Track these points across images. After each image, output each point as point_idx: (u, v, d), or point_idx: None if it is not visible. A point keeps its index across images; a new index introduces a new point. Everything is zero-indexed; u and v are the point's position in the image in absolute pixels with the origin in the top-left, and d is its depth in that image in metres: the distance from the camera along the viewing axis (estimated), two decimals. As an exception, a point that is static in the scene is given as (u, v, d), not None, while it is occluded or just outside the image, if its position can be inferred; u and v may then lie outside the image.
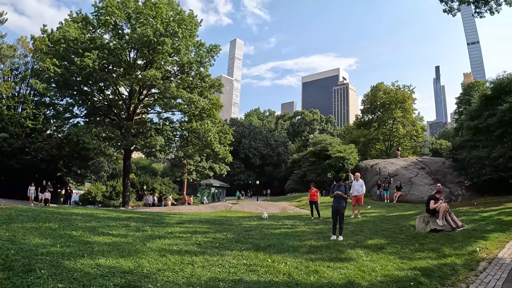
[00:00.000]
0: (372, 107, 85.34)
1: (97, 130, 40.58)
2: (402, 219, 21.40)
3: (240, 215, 26.49)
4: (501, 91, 33.89)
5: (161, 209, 33.92)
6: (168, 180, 75.76)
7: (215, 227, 17.06)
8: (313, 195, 23.39)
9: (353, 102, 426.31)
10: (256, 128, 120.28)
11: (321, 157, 48.82)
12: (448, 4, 36.64)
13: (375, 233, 16.18)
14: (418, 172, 40.46)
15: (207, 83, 47.32)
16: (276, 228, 17.62)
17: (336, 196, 15.24)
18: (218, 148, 46.16)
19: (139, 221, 17.65)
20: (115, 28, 43.40)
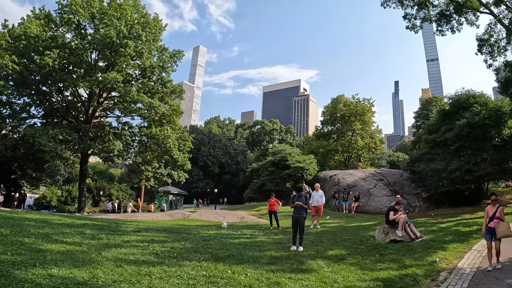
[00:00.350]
0: (332, 119, 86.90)
1: (54, 132, 39.10)
2: (361, 229, 21.73)
3: (198, 223, 26.17)
4: (458, 106, 35.49)
5: (117, 216, 33.01)
6: (125, 187, 74.56)
7: (173, 236, 16.75)
8: (273, 205, 23.22)
9: (313, 113, 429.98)
10: (215, 136, 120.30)
11: (280, 167, 48.90)
12: (411, 21, 37.61)
13: (335, 243, 16.35)
14: (376, 184, 41.16)
15: (168, 89, 46.75)
16: (235, 238, 17.44)
17: (297, 206, 15.25)
18: (177, 155, 45.53)
19: (94, 228, 17.10)
20: (78, 27, 42.23)
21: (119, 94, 42.45)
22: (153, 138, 45.30)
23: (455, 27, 35.59)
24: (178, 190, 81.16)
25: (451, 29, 35.81)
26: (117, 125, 47.35)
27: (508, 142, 31.62)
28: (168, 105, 46.25)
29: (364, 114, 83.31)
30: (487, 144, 31.66)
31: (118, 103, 44.94)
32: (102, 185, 68.51)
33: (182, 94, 48.61)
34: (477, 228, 19.24)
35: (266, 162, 51.78)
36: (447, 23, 35.77)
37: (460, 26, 35.47)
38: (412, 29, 37.47)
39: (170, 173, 55.84)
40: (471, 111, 33.25)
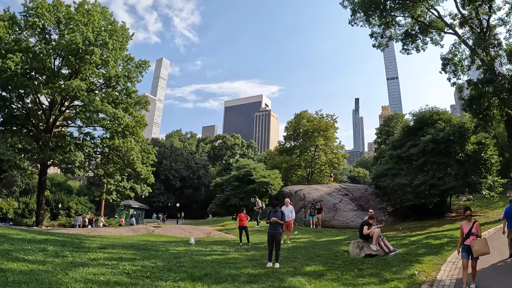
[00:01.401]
0: (295, 134, 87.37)
1: (13, 140, 37.51)
2: (332, 244, 21.42)
3: (164, 239, 25.13)
4: (423, 123, 36.30)
5: (78, 231, 31.51)
6: (85, 199, 72.76)
7: (142, 253, 15.88)
8: (243, 220, 22.64)
9: (274, 129, 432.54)
10: (177, 149, 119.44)
11: (244, 182, 48.26)
12: (377, 39, 38.53)
13: (311, 259, 16.08)
14: (342, 199, 41.11)
15: (133, 100, 45.75)
16: (206, 255, 16.75)
17: (272, 222, 14.81)
18: (140, 168, 44.32)
19: (57, 245, 16.03)
20: (42, 32, 40.85)
21: (82, 103, 41.10)
22: (116, 150, 43.99)
23: (420, 46, 37.14)
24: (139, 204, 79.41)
25: (416, 48, 37.27)
26: (78, 135, 45.82)
27: (471, 157, 32.50)
28: (132, 116, 45.06)
29: (328, 129, 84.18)
30: (451, 159, 32.37)
31: (81, 112, 43.48)
32: (61, 198, 66.60)
33: (147, 105, 47.60)
34: (447, 240, 19.70)
35: (230, 176, 50.99)
36: (412, 42, 37.09)
37: (425, 45, 37.09)
38: (378, 47, 39.11)
39: (133, 186, 54.34)
40: (435, 127, 34.23)
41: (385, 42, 38.74)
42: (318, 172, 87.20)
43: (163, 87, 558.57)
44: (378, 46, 38.91)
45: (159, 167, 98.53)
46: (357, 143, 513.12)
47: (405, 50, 37.74)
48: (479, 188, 31.67)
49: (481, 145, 32.66)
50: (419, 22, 36.04)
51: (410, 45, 37.26)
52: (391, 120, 76.26)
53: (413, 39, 36.91)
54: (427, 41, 36.88)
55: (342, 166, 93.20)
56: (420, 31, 36.36)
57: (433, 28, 35.69)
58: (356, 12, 37.02)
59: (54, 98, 41.04)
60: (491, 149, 33.09)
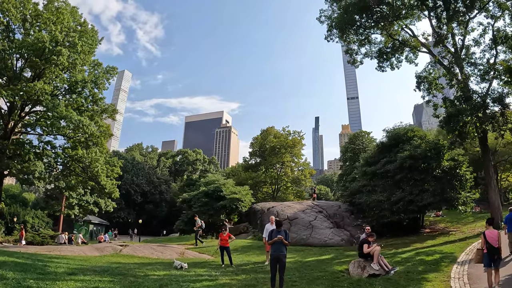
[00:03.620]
0: (261, 150, 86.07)
1: (-36, 147, 34.23)
2: (323, 264, 20.37)
3: (137, 261, 22.63)
4: (397, 139, 36.77)
5: (37, 249, 28.37)
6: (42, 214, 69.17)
7: (119, 281, 13.59)
8: (225, 240, 21.07)
9: (234, 145, 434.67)
10: (139, 163, 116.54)
11: (214, 198, 46.19)
12: (352, 56, 39.22)
13: (312, 282, 14.99)
14: (316, 216, 39.66)
15: (99, 107, 42.68)
16: (194, 281, 14.82)
17: (276, 242, 13.32)
18: (104, 181, 41.08)
19: (17, 269, 13.43)
20: (6, 30, 37.69)
21: (45, 108, 38.06)
22: (79, 161, 40.76)
23: (394, 64, 37.95)
24: (99, 220, 76.47)
25: (391, 66, 38.07)
26: (38, 144, 42.57)
27: (448, 173, 32.91)
28: (97, 126, 42.10)
29: (295, 146, 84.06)
30: (429, 175, 32.75)
31: (42, 119, 40.28)
32: (17, 211, 62.92)
33: (114, 114, 44.65)
34: (440, 256, 19.86)
35: (198, 192, 48.82)
36: (386, 60, 37.72)
37: (399, 63, 38.03)
38: (353, 64, 40.06)
39: (96, 201, 51.08)
40: (411, 144, 34.45)
41: (360, 59, 39.22)
42: (283, 189, 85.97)
43: (123, 100, 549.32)
44: (353, 62, 39.56)
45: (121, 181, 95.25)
46: (317, 161, 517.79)
47: (380, 68, 38.20)
48: (456, 203, 32.14)
49: (456, 161, 33.27)
50: (394, 39, 36.84)
51: (384, 62, 37.76)
52: (357, 138, 76.10)
53: (388, 57, 37.40)
54: (402, 59, 37.74)
55: (309, 183, 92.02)
56: (395, 49, 37.05)
57: (407, 47, 36.67)
58: (332, 28, 37.82)
59: (14, 101, 37.83)
60: (465, 165, 33.63)
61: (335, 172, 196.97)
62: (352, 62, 39.38)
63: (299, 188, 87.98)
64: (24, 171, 37.42)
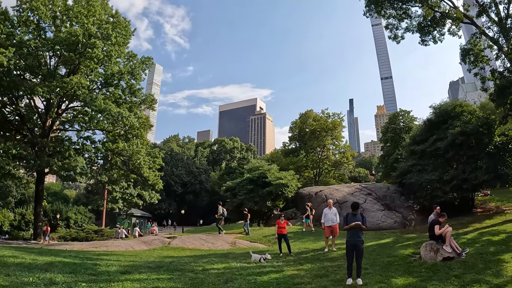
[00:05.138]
0: (300, 134, 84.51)
1: (6, 146, 33.53)
2: (386, 248, 19.30)
3: (189, 253, 21.57)
4: (445, 116, 35.06)
5: (83, 246, 27.54)
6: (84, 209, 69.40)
7: (179, 278, 12.32)
8: (283, 228, 19.91)
9: (270, 132, 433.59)
10: (177, 154, 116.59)
11: (259, 184, 44.90)
12: (392, 31, 36.83)
13: (385, 268, 13.89)
14: (366, 198, 38.20)
15: (138, 98, 41.84)
16: (259, 274, 13.49)
17: (353, 227, 12.17)
18: (147, 173, 40.31)
19: (66, 271, 12.24)
20: (37, 28, 37.13)
21: (82, 103, 37.72)
22: (120, 154, 40.23)
23: (437, 37, 36.03)
24: (141, 212, 76.40)
25: (433, 40, 36.24)
26: (77, 140, 42.14)
27: (501, 149, 31.07)
28: (137, 117, 41.25)
29: (335, 128, 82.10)
30: (481, 151, 31.17)
31: (80, 114, 39.83)
32: (59, 208, 63.32)
33: (153, 104, 43.58)
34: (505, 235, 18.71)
35: (243, 179, 47.55)
36: (428, 34, 35.92)
37: (442, 36, 36.01)
38: (394, 39, 37.84)
39: (140, 193, 50.33)
40: (460, 120, 33.11)
41: (401, 34, 37.14)
42: (325, 173, 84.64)
43: (156, 94, 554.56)
44: (394, 38, 37.41)
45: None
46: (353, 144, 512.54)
47: (423, 42, 36.43)
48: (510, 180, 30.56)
49: (507, 136, 31.14)
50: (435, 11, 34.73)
51: (427, 36, 35.87)
52: (396, 118, 73.72)
53: (430, 30, 35.53)
54: (444, 32, 35.58)
55: (352, 166, 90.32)
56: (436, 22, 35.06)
57: (449, 18, 34.52)
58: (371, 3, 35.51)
59: (50, 99, 37.39)
60: (519, 140, 31.96)
61: (373, 154, 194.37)
62: (394, 38, 37.23)
63: (340, 171, 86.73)
64: (65, 167, 37.05)
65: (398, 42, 38.30)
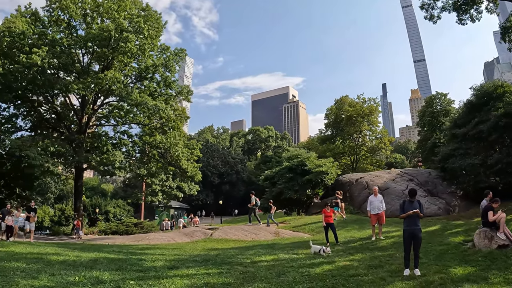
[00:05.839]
0: (336, 121, 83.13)
1: (44, 144, 33.59)
2: (435, 236, 18.61)
3: (233, 245, 21.02)
4: (487, 97, 34.34)
5: (124, 240, 27.38)
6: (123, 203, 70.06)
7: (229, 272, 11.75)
8: (329, 216, 19.20)
9: (303, 120, 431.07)
10: (213, 145, 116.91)
11: (298, 173, 43.96)
12: (428, 11, 35.41)
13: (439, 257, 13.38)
14: (407, 185, 36.90)
15: (173, 90, 41.73)
16: (311, 265, 12.85)
17: (411, 215, 11.46)
18: (186, 165, 40.22)
19: (111, 268, 11.83)
20: (68, 27, 37.46)
21: (118, 98, 37.84)
22: (157, 147, 40.34)
23: (474, 16, 34.75)
24: (179, 204, 76.65)
25: (471, 18, 34.88)
26: (114, 134, 42.52)
27: None
28: (173, 109, 41.12)
29: (371, 113, 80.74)
30: None
31: (115, 109, 40.27)
32: (98, 202, 63.98)
33: (189, 95, 43.31)
34: None
35: (282, 168, 46.83)
36: (465, 12, 34.56)
37: (480, 14, 34.74)
38: (430, 19, 36.74)
39: (179, 185, 50.24)
40: (503, 101, 32.36)
41: (437, 14, 35.95)
42: (362, 160, 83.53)
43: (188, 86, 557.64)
44: (430, 18, 36.28)
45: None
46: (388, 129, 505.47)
47: (460, 21, 34.92)
48: None
49: None
50: None
51: (464, 15, 34.46)
52: (433, 101, 71.74)
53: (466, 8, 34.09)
54: (481, 9, 34.20)
55: (389, 151, 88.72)
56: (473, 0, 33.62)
57: None
58: None
59: (85, 95, 37.72)
60: None
61: (408, 139, 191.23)
62: (430, 18, 36.09)
63: (378, 157, 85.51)
64: (103, 162, 37.37)
65: (435, 22, 37.39)
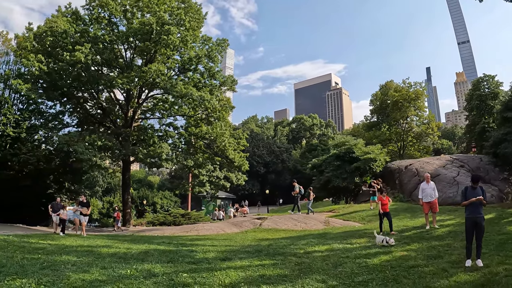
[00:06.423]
0: (382, 107, 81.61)
1: (91, 138, 33.99)
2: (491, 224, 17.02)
3: (283, 235, 20.66)
4: None
5: (173, 231, 27.31)
6: (169, 194, 70.86)
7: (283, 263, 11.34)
8: (385, 204, 18.45)
9: (347, 107, 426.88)
10: (257, 135, 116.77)
11: (346, 160, 43.09)
12: None
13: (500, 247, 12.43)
14: (459, 171, 35.64)
15: (218, 80, 41.60)
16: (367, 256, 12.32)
17: (473, 202, 10.75)
18: (232, 155, 40.13)
19: (163, 260, 11.63)
20: (109, 24, 37.75)
21: (163, 90, 38.27)
22: (203, 138, 40.48)
23: None
24: (226, 194, 76.77)
25: None
26: (159, 127, 42.96)
27: None
28: (218, 100, 40.97)
29: (418, 98, 78.62)
30: None
31: (160, 102, 40.75)
32: (145, 194, 65.02)
33: (234, 85, 43.01)
34: None
35: (329, 156, 46.06)
36: None
37: None
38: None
39: (227, 175, 50.18)
40: None
41: None
42: (409, 146, 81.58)
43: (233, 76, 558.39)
44: None
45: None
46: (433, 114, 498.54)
47: None
48: None
49: None
50: None
51: None
52: (481, 84, 70.15)
53: None
54: None
55: (437, 137, 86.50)
56: None
57: None
58: None
59: (130, 89, 38.19)
60: None
61: (455, 124, 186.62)
62: (510, -1, 34.74)
63: (425, 143, 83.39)
64: (150, 154, 37.75)
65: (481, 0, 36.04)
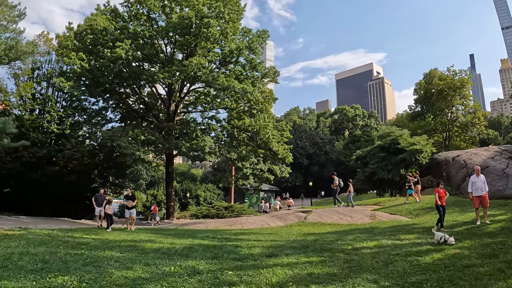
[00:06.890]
0: (426, 96, 78.95)
1: (134, 133, 34.43)
2: None
3: (329, 229, 20.11)
4: None
5: (217, 224, 27.19)
6: (212, 187, 71.15)
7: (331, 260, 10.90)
8: (443, 197, 17.68)
9: (390, 97, 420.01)
10: (300, 126, 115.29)
11: (391, 152, 41.96)
12: None
13: None
14: (508, 163, 33.30)
15: (259, 72, 41.24)
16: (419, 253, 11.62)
17: None
18: (276, 147, 39.89)
19: (207, 256, 11.42)
20: (148, 20, 38.10)
21: (204, 84, 38.18)
22: (246, 130, 40.42)
23: None
24: (269, 186, 76.45)
25: None
26: (202, 120, 43.16)
27: None
28: (260, 92, 40.76)
29: (463, 86, 75.43)
30: None
31: (202, 95, 40.86)
32: (188, 187, 65.42)
33: (276, 76, 42.70)
34: None
35: (374, 147, 45.09)
36: None
37: None
38: None
39: (271, 168, 49.89)
40: None
41: None
42: (455, 136, 79.23)
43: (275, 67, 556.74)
44: None
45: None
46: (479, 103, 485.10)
47: None
48: None
49: None
50: None
51: None
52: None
53: None
54: None
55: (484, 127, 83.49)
56: None
57: None
58: None
59: (171, 84, 38.34)
60: None
61: (501, 113, 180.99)
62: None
63: (471, 133, 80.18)
64: (193, 148, 37.86)
65: None
